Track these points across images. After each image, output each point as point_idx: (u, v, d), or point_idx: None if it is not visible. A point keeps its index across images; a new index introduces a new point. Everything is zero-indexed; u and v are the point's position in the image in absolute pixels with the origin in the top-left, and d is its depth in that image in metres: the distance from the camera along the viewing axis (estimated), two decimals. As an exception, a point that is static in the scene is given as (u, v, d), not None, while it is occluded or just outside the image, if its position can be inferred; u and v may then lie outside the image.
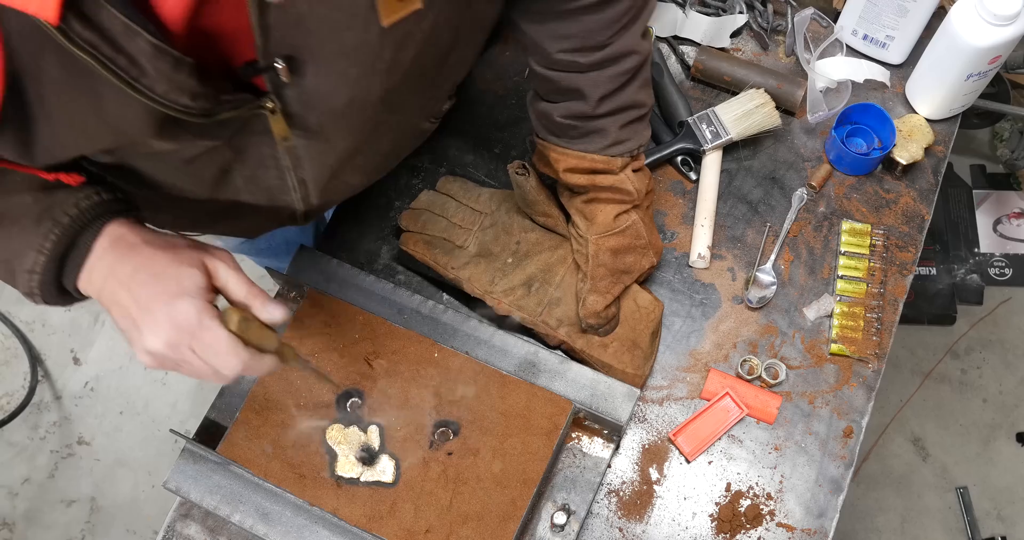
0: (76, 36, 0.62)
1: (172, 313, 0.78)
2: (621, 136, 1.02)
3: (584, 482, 1.05)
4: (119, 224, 0.82)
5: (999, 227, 2.23)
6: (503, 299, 1.10)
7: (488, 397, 1.03)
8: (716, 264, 1.19)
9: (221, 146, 0.82)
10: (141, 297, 0.79)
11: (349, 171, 0.97)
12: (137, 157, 0.82)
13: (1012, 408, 2.15)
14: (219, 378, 0.82)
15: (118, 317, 0.81)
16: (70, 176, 0.80)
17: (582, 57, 0.95)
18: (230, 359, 0.79)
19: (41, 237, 0.79)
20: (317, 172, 0.91)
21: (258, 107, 0.77)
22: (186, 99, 0.69)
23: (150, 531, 2.08)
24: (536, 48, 0.97)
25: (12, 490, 2.13)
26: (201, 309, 0.79)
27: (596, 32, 0.93)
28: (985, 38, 1.11)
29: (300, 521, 0.99)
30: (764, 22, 1.31)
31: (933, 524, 2.06)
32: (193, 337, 0.78)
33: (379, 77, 0.79)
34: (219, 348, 0.79)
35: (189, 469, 1.01)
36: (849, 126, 1.23)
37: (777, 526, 1.06)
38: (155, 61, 0.65)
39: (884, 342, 1.14)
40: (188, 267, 0.80)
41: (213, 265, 0.82)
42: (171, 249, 0.81)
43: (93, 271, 0.81)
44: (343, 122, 0.84)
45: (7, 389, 2.22)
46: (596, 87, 0.97)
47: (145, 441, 2.16)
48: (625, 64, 0.97)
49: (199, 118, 0.72)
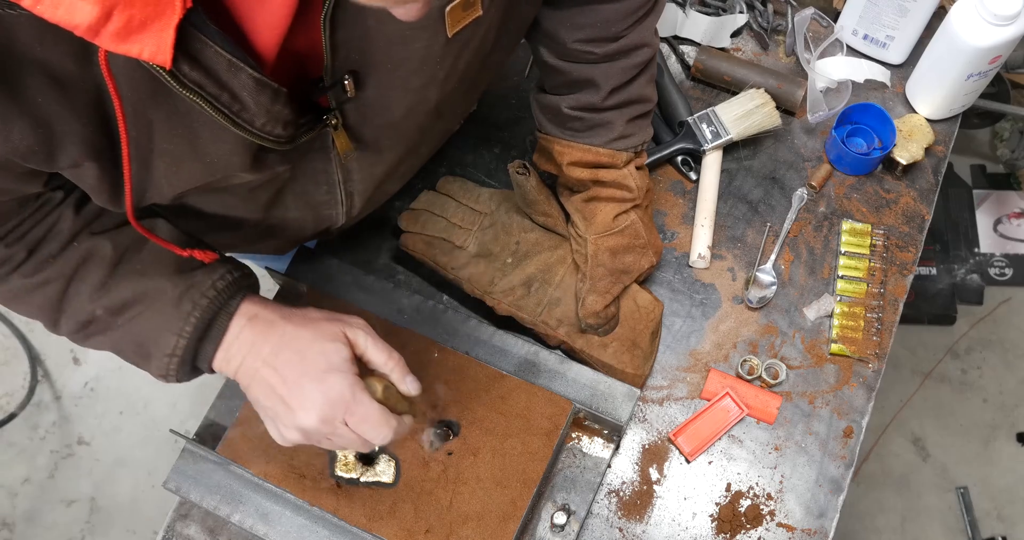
0: (185, 77, 0.62)
1: (324, 389, 0.79)
2: (627, 130, 1.02)
3: (584, 482, 1.05)
4: (252, 302, 0.83)
5: (999, 227, 2.23)
6: (503, 299, 1.10)
7: (488, 397, 1.03)
8: (716, 264, 1.19)
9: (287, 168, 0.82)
10: (288, 376, 0.80)
11: (393, 180, 0.97)
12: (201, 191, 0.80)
13: (1012, 408, 2.15)
14: (366, 447, 0.84)
15: (261, 396, 0.81)
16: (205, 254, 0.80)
17: (597, 48, 0.95)
18: (383, 429, 0.81)
19: (181, 321, 0.80)
20: (366, 184, 0.91)
21: (325, 125, 0.77)
22: (280, 129, 0.69)
23: (150, 531, 2.08)
24: (550, 37, 0.97)
25: (12, 490, 2.13)
26: (352, 383, 0.80)
27: (613, 23, 0.94)
28: (985, 38, 1.11)
29: (300, 521, 0.99)
30: (764, 22, 1.31)
31: (933, 524, 2.06)
32: (347, 411, 0.80)
33: (438, 86, 0.79)
34: (373, 420, 0.80)
35: (189, 469, 1.01)
36: (849, 126, 1.23)
37: (777, 526, 1.06)
38: (256, 95, 0.65)
39: (884, 342, 1.14)
40: (331, 342, 0.81)
41: (353, 335, 0.83)
42: (311, 324, 0.82)
43: (231, 350, 0.82)
44: (396, 133, 0.84)
45: (7, 389, 2.21)
46: (608, 79, 0.97)
47: (145, 441, 2.16)
48: (637, 57, 0.97)
49: (285, 145, 0.72)
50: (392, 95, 0.78)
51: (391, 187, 1.01)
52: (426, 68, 0.76)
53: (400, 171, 0.96)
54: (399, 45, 0.72)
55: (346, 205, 0.93)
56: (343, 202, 0.93)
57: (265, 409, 0.82)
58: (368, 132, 0.82)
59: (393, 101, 0.79)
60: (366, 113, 0.79)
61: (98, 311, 0.81)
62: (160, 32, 0.57)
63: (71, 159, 0.67)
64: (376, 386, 0.84)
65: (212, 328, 0.82)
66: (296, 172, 0.84)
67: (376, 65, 0.74)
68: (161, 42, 0.57)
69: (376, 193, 0.96)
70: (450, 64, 0.78)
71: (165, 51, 0.57)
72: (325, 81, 0.73)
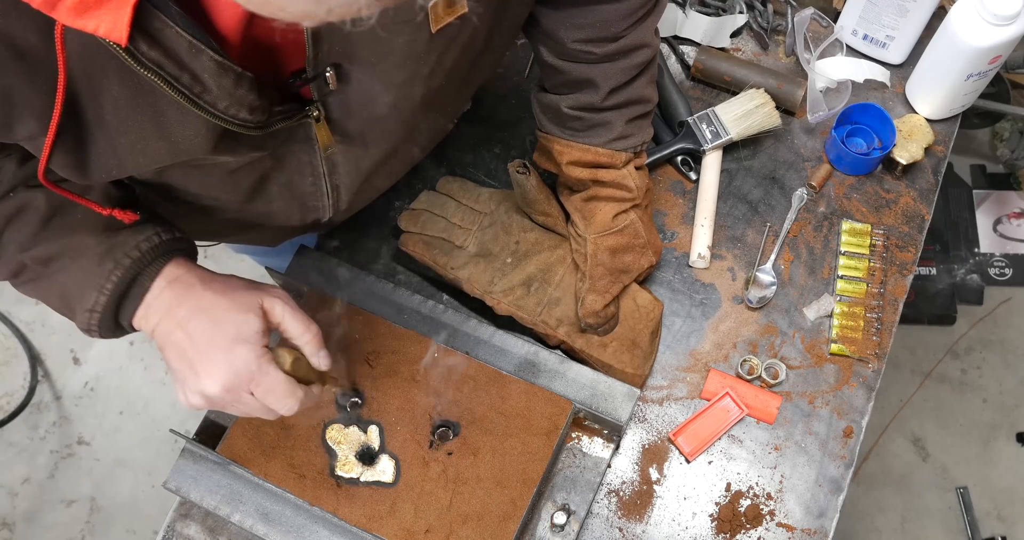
0: (143, 56, 0.62)
1: (231, 359, 0.80)
2: (627, 131, 1.02)
3: (584, 482, 1.05)
4: (177, 264, 0.84)
5: (999, 227, 2.23)
6: (502, 299, 1.10)
7: (488, 397, 1.03)
8: (716, 264, 1.19)
9: (265, 156, 0.83)
10: (200, 341, 0.81)
11: (381, 176, 0.97)
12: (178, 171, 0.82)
13: (1012, 408, 2.15)
14: (272, 416, 0.85)
15: (172, 358, 0.83)
16: (124, 213, 0.81)
17: (596, 48, 0.95)
18: (287, 400, 0.83)
19: (103, 278, 0.81)
20: (352, 178, 0.92)
21: (305, 116, 0.77)
22: (245, 113, 0.70)
23: (150, 531, 2.08)
24: (550, 37, 0.97)
25: (12, 490, 2.13)
26: (259, 355, 0.82)
27: (612, 23, 0.94)
28: (985, 38, 1.11)
29: (300, 521, 0.99)
30: (764, 22, 1.31)
31: (933, 524, 2.06)
32: (252, 381, 0.81)
33: (422, 81, 0.80)
34: (278, 392, 0.82)
35: (189, 469, 1.01)
36: (849, 126, 1.23)
37: (777, 526, 1.06)
38: (218, 78, 0.66)
39: (884, 342, 1.14)
40: (245, 312, 0.82)
41: (270, 305, 0.85)
42: (229, 292, 0.83)
43: (150, 309, 0.83)
44: (381, 127, 0.85)
45: (7, 389, 2.22)
46: (607, 79, 0.97)
47: (145, 441, 2.16)
48: (637, 57, 0.97)
49: (255, 131, 0.72)
50: (375, 90, 0.78)
51: (380, 182, 1.01)
52: (409, 63, 0.77)
53: (389, 167, 0.96)
54: (382, 39, 0.73)
55: (332, 198, 0.94)
56: (329, 194, 0.93)
57: (174, 371, 0.84)
58: (352, 126, 0.82)
59: (376, 96, 0.79)
60: (350, 107, 0.79)
61: (27, 261, 0.83)
62: (117, 9, 0.58)
63: (28, 131, 0.69)
64: (286, 358, 0.85)
65: (134, 287, 0.83)
66: (280, 162, 0.85)
67: (359, 58, 0.74)
68: (118, 19, 0.58)
69: (364, 187, 0.96)
70: (435, 60, 0.78)
71: (121, 28, 0.58)
72: (308, 72, 0.73)
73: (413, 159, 1.05)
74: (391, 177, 1.03)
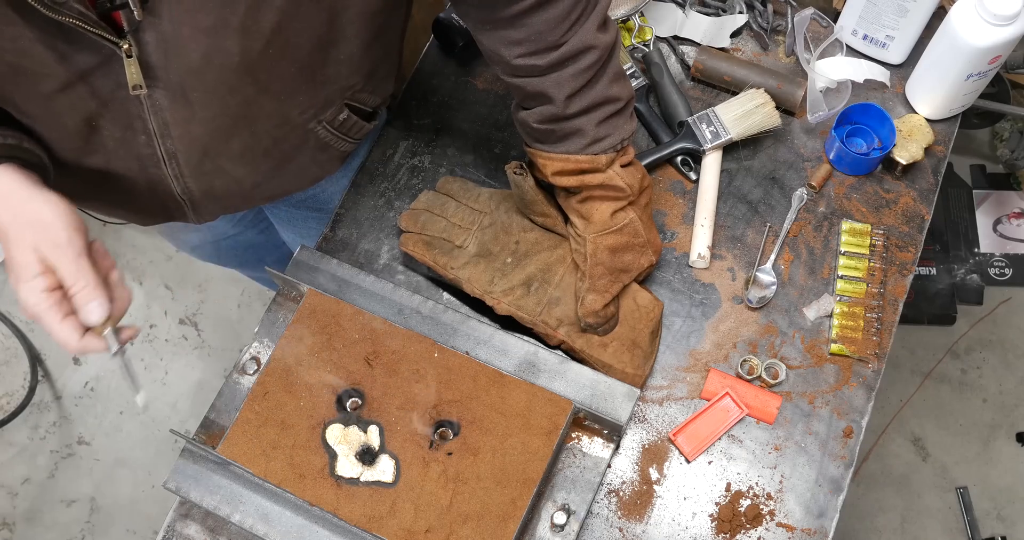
0: None
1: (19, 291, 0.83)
2: (599, 133, 1.01)
3: (584, 482, 1.05)
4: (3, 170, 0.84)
5: (999, 227, 2.23)
6: (502, 299, 1.10)
7: (488, 397, 1.03)
8: (716, 264, 1.19)
9: (80, 88, 0.83)
10: None
11: (225, 156, 0.97)
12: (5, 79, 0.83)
13: (1012, 408, 2.15)
14: None
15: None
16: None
17: (538, 59, 0.95)
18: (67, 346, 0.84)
19: None
20: (186, 145, 0.92)
21: (113, 43, 0.78)
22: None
23: (150, 531, 2.08)
24: (496, 57, 0.97)
25: (12, 490, 2.13)
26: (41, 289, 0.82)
27: (546, 33, 0.93)
28: (985, 38, 1.11)
29: (300, 521, 0.99)
30: (764, 22, 1.31)
31: (933, 524, 2.06)
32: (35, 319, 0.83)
33: (234, 35, 0.81)
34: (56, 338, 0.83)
35: (189, 469, 1.01)
36: (849, 126, 1.23)
37: (777, 526, 1.06)
38: None
39: (884, 342, 1.14)
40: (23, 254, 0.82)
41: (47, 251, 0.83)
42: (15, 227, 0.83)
43: None
44: (201, 82, 0.85)
45: (7, 389, 2.22)
46: (560, 87, 0.97)
47: (145, 441, 2.16)
48: (585, 60, 0.96)
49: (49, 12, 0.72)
50: (184, 33, 0.79)
51: (231, 168, 0.99)
52: (214, 7, 0.78)
53: (234, 148, 0.96)
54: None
55: (172, 167, 0.95)
56: (166, 162, 0.94)
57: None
58: (171, 75, 0.83)
59: (186, 39, 0.80)
60: (165, 49, 0.80)
61: None
62: None
63: None
64: None
65: None
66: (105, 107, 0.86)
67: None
68: None
69: (208, 165, 0.96)
70: (243, 13, 0.79)
71: None
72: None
73: (270, 154, 1.01)
74: (247, 166, 1.01)
